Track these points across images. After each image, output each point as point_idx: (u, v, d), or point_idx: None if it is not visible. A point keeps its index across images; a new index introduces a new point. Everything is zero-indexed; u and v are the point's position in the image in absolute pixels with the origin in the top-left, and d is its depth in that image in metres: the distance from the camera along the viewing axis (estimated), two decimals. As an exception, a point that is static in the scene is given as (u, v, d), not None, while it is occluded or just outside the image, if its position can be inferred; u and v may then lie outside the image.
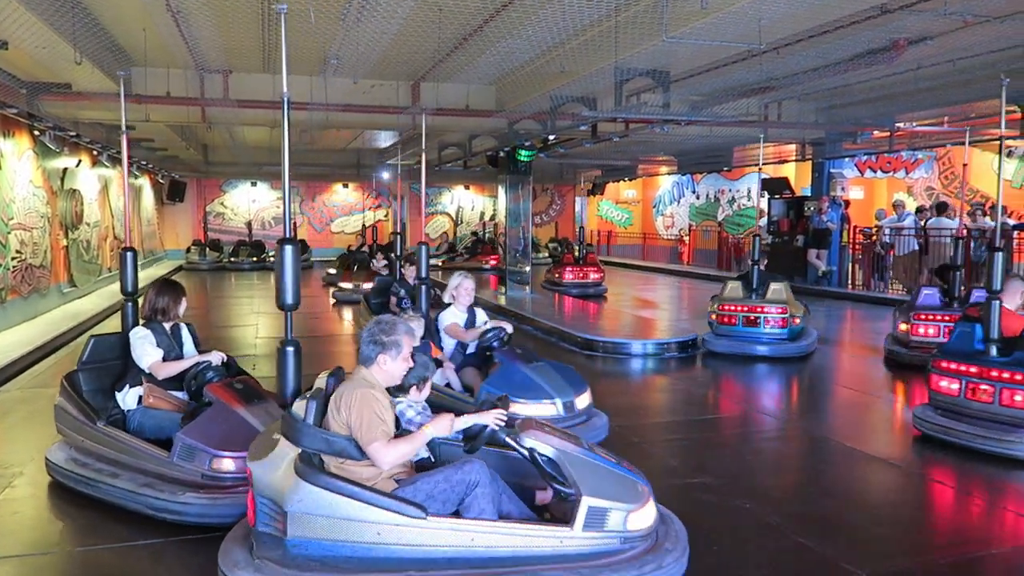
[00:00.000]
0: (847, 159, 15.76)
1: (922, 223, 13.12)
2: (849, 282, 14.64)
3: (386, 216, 26.78)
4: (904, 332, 7.94)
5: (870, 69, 8.83)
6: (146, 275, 18.54)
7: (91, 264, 14.57)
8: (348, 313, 12.32)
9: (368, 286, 13.57)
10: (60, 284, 12.38)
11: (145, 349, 4.42)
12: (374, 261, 15.43)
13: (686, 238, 22.51)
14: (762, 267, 9.00)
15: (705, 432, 5.84)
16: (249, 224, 23.95)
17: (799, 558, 3.52)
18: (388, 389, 3.32)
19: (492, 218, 26.78)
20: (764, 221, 17.34)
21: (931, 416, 5.23)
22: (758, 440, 5.63)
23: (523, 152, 13.45)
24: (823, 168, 15.39)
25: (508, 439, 3.14)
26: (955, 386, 5.07)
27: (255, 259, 21.39)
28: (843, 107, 12.61)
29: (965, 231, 12.00)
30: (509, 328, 5.55)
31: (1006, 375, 4.81)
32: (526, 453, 3.12)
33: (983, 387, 4.91)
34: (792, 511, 4.09)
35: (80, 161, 13.53)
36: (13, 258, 10.13)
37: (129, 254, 4.95)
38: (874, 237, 13.99)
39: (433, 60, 9.71)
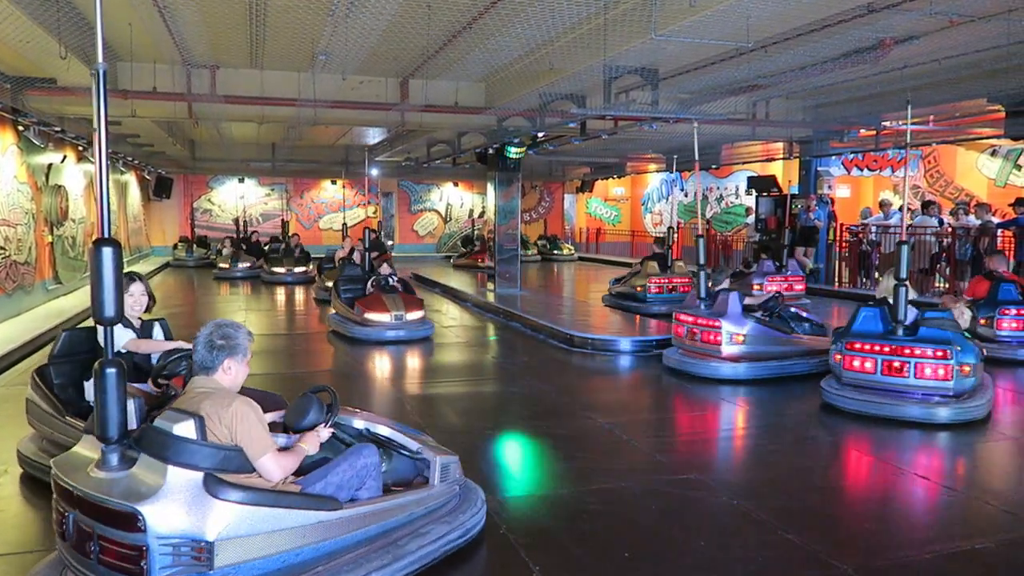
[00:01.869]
0: (834, 157, 15.84)
1: (909, 221, 13.22)
2: (836, 280, 14.74)
3: (374, 213, 26.71)
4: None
5: (857, 68, 8.89)
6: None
7: (76, 261, 14.44)
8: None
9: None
10: (45, 281, 12.27)
11: (116, 332, 4.38)
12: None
13: (675, 235, 22.55)
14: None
15: (692, 429, 5.87)
16: (236, 220, 23.83)
17: (785, 553, 3.55)
18: None
19: (481, 215, 26.76)
20: (752, 218, 17.42)
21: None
22: (744, 436, 5.66)
23: (512, 149, 13.45)
24: (810, 166, 15.47)
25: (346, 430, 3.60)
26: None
27: None
28: (830, 106, 12.68)
29: (950, 229, 12.14)
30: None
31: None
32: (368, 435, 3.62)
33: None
34: (778, 506, 4.11)
35: (65, 157, 13.40)
36: (-3, 254, 10.04)
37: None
38: (860, 235, 14.08)
39: (422, 57, 9.68)
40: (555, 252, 24.57)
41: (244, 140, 18.51)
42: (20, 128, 10.80)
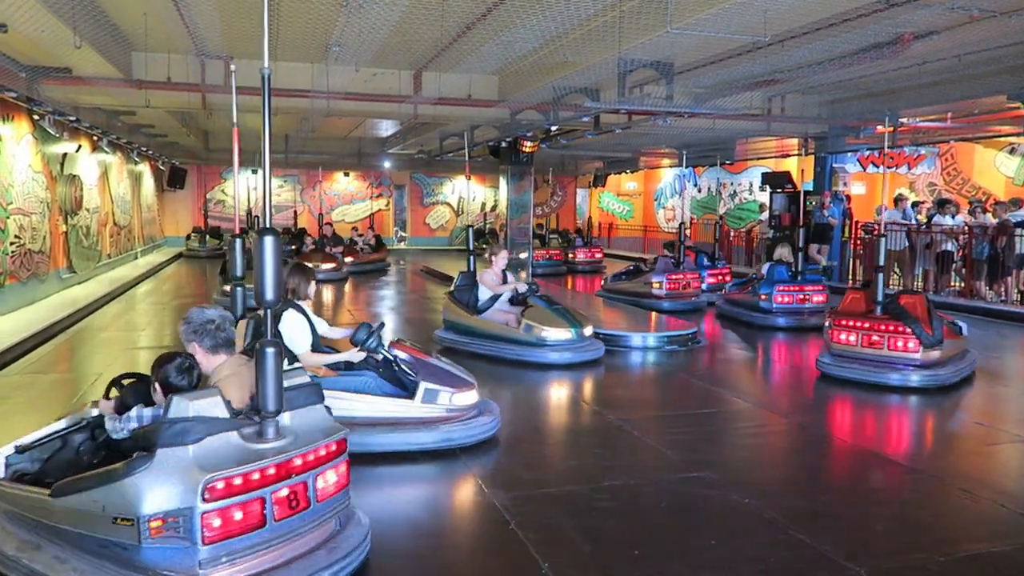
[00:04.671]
0: (849, 154, 15.70)
1: (921, 217, 13.10)
2: (850, 277, 14.61)
3: (387, 206, 26.74)
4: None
5: (874, 63, 8.79)
6: (146, 261, 18.53)
7: (90, 250, 14.53)
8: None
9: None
10: (59, 270, 12.35)
11: (298, 333, 4.82)
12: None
13: (688, 231, 22.46)
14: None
15: (703, 426, 5.82)
16: (250, 212, 23.88)
17: (796, 554, 3.51)
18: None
19: (493, 208, 26.72)
20: (766, 215, 17.30)
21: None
22: (756, 434, 5.61)
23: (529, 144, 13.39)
24: (825, 163, 15.34)
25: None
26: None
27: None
28: (846, 101, 12.55)
29: (966, 227, 12.00)
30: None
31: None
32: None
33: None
34: (789, 506, 4.07)
35: (80, 146, 13.47)
36: (12, 243, 10.10)
37: (238, 240, 5.21)
38: (875, 232, 13.95)
39: (435, 49, 9.65)
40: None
41: (258, 131, 18.45)
42: (35, 117, 10.86)
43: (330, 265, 15.67)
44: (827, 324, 7.20)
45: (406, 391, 4.90)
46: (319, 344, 5.02)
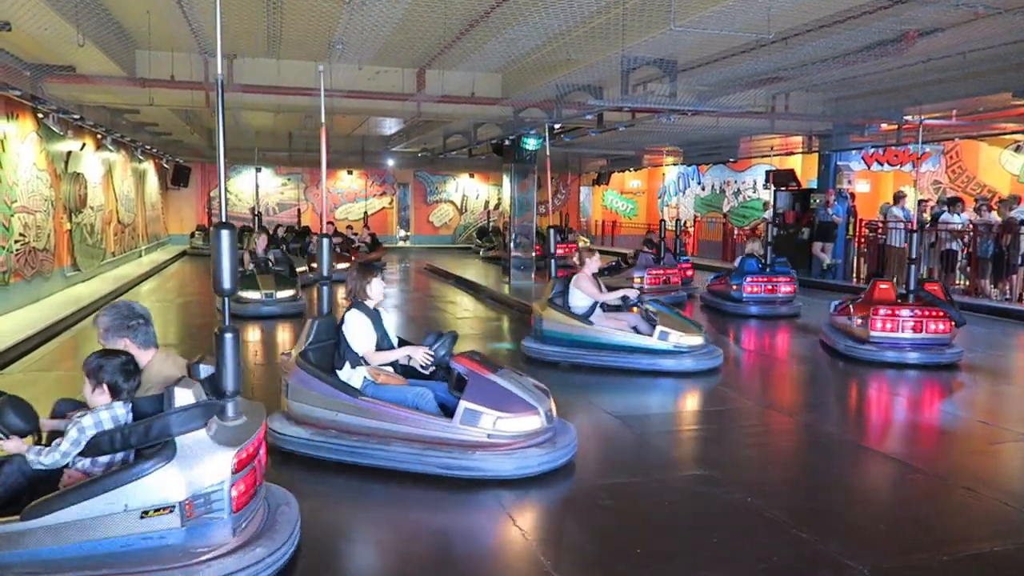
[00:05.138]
0: (854, 152, 15.65)
1: (925, 215, 13.06)
2: (854, 275, 14.58)
3: (390, 204, 26.74)
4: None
5: (879, 61, 8.75)
6: (150, 259, 18.56)
7: (95, 248, 14.56)
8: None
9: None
10: (63, 268, 12.37)
11: (361, 333, 4.68)
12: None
13: (691, 229, 22.43)
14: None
15: (706, 425, 5.82)
16: (254, 209, 23.91)
17: (799, 552, 3.50)
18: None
19: (497, 207, 26.72)
20: (770, 213, 17.26)
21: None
22: (759, 433, 5.60)
23: (530, 140, 13.38)
24: (830, 161, 15.29)
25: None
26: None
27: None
28: (851, 99, 12.51)
29: (972, 225, 11.96)
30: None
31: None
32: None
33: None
34: (792, 505, 4.07)
35: (84, 144, 13.50)
36: (16, 241, 10.12)
37: (325, 240, 5.20)
38: (879, 230, 13.91)
39: (439, 47, 9.64)
40: (570, 245, 24.48)
41: (261, 129, 18.56)
42: (39, 116, 10.87)
43: (345, 265, 15.62)
44: (851, 314, 7.89)
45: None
46: (390, 344, 4.85)
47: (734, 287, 10.78)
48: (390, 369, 4.81)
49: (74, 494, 2.84)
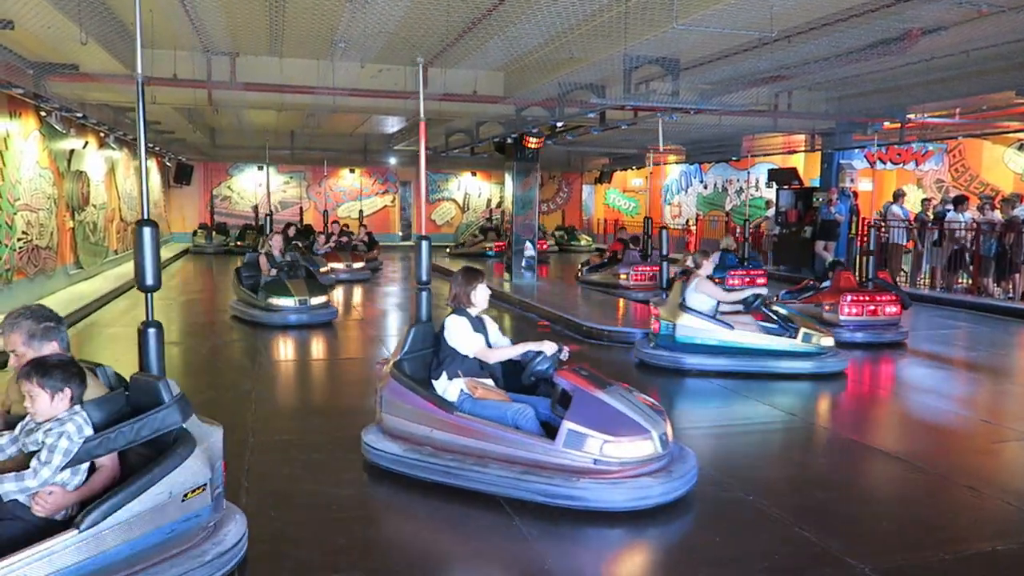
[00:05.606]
0: (856, 150, 15.62)
1: (929, 213, 13.04)
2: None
3: (392, 202, 26.74)
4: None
5: (882, 59, 8.74)
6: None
7: (97, 246, 14.58)
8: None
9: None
10: (66, 266, 12.40)
11: (467, 335, 4.35)
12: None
13: (693, 228, 22.42)
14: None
15: (707, 423, 5.82)
16: (256, 208, 23.95)
17: (800, 551, 3.50)
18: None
19: (499, 205, 26.71)
20: (772, 211, 17.24)
21: None
22: (761, 432, 5.60)
23: (532, 138, 13.37)
24: (832, 159, 15.27)
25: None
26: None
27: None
28: (854, 97, 12.49)
29: (975, 224, 11.93)
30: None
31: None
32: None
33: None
34: (793, 503, 4.06)
35: (87, 143, 13.52)
36: (19, 239, 10.14)
37: (424, 242, 4.88)
38: (881, 229, 13.89)
39: (441, 45, 9.63)
40: (572, 243, 24.49)
41: (263, 127, 18.57)
42: (42, 114, 10.89)
43: (360, 264, 15.50)
44: (820, 301, 9.00)
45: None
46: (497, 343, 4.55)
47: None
48: (490, 382, 4.43)
49: (125, 492, 2.85)
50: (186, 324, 10.32)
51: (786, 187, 16.42)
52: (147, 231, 3.27)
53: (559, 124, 12.39)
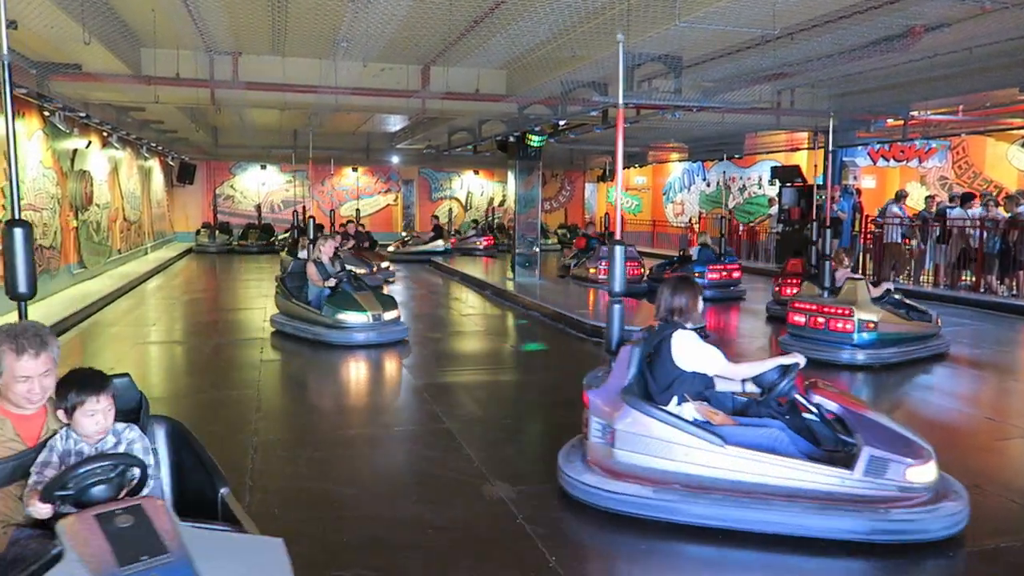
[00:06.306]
0: (860, 147, 15.60)
1: (932, 209, 13.03)
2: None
3: (395, 201, 26.77)
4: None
5: (885, 56, 8.72)
6: (156, 257, 18.62)
7: (101, 245, 14.62)
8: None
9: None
10: (70, 265, 12.43)
11: (708, 350, 3.91)
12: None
13: (696, 225, 22.41)
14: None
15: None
16: (259, 207, 24.00)
17: (803, 550, 3.50)
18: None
19: (501, 203, 26.72)
20: (775, 209, 17.23)
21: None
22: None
23: (535, 137, 13.37)
24: (835, 156, 15.24)
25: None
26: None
27: (264, 242, 21.41)
28: (857, 94, 12.48)
29: (978, 222, 11.91)
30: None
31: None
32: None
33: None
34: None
35: (90, 142, 13.54)
36: (23, 238, 10.15)
37: (619, 248, 4.56)
38: (881, 227, 13.87)
39: (443, 44, 9.64)
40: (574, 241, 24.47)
41: (266, 127, 18.59)
42: (46, 114, 10.91)
43: (386, 264, 15.24)
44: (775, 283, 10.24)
45: (818, 448, 3.72)
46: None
47: (697, 275, 11.58)
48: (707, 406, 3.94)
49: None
50: (189, 323, 10.34)
51: (789, 185, 16.41)
52: (18, 232, 2.86)
53: (561, 122, 12.39)
